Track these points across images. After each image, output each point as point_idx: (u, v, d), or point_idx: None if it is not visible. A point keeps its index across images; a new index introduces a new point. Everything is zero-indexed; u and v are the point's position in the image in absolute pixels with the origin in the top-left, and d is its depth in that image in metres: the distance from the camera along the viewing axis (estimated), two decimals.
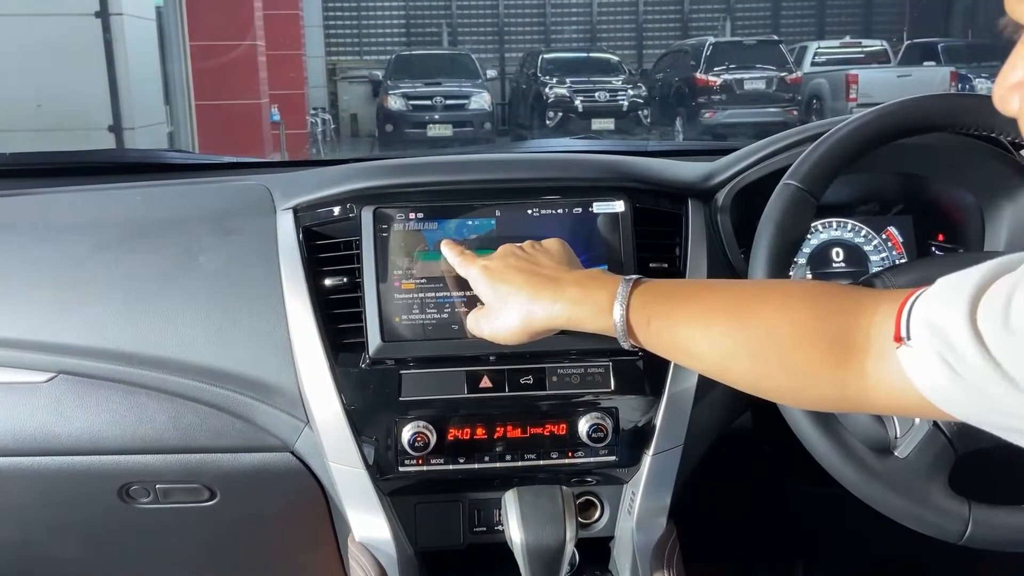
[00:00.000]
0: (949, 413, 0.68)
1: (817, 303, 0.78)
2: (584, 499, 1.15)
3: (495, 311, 0.95)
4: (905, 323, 0.68)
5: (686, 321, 0.84)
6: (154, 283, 1.11)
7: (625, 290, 0.86)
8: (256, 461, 1.13)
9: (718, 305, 0.83)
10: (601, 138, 11.83)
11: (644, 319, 0.85)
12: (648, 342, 0.86)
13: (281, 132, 10.51)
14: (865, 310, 0.73)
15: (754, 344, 0.79)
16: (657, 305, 0.86)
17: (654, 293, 0.87)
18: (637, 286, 0.87)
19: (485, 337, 0.98)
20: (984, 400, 0.64)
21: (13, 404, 1.11)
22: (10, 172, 1.50)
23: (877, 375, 0.71)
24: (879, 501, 0.91)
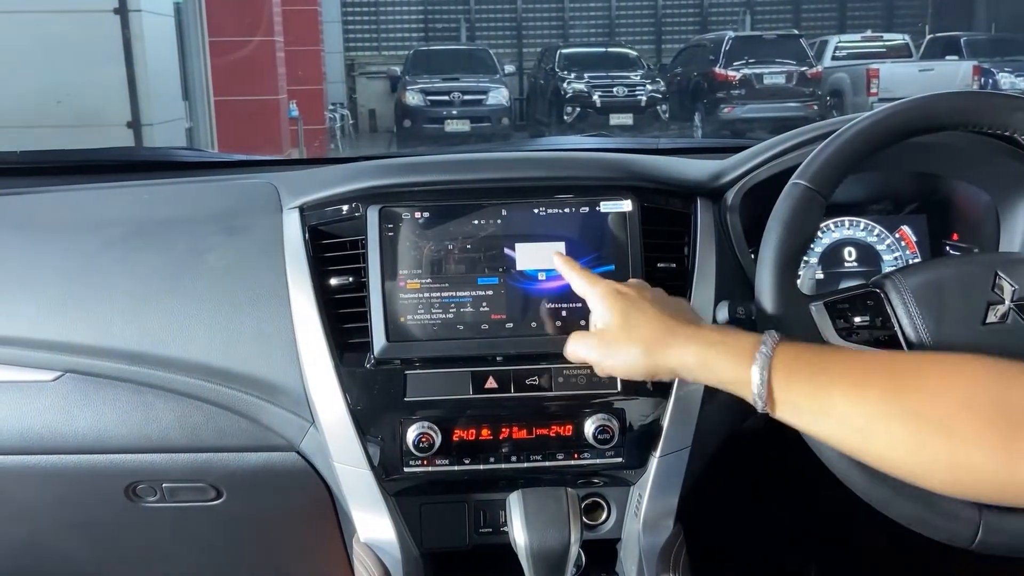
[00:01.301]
0: None
1: (988, 371, 0.72)
2: (591, 501, 1.14)
3: (617, 339, 0.89)
4: None
5: (836, 383, 0.76)
6: (160, 282, 1.11)
7: (770, 342, 0.80)
8: (262, 461, 1.13)
9: (874, 368, 0.76)
10: (618, 134, 11.80)
11: (784, 377, 0.78)
12: (786, 401, 0.78)
13: (299, 128, 10.53)
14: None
15: (914, 407, 0.72)
16: (803, 364, 0.79)
17: (799, 351, 0.80)
18: (782, 342, 0.80)
19: (590, 362, 0.92)
20: None
21: (20, 403, 1.11)
22: (21, 170, 1.51)
23: None
24: (888, 506, 0.90)
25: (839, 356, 0.80)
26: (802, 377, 0.78)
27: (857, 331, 0.96)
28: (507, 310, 1.06)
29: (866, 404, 0.74)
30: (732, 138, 4.24)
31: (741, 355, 0.81)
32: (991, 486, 0.70)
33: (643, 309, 0.89)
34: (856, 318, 0.96)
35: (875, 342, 0.94)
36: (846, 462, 0.90)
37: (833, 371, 0.77)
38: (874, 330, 0.95)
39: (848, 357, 0.80)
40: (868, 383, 0.75)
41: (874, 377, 0.75)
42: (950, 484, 0.74)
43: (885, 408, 0.73)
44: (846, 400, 0.75)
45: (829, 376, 0.77)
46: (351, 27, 17.53)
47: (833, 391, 0.76)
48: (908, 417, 0.72)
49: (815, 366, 0.79)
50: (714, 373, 0.83)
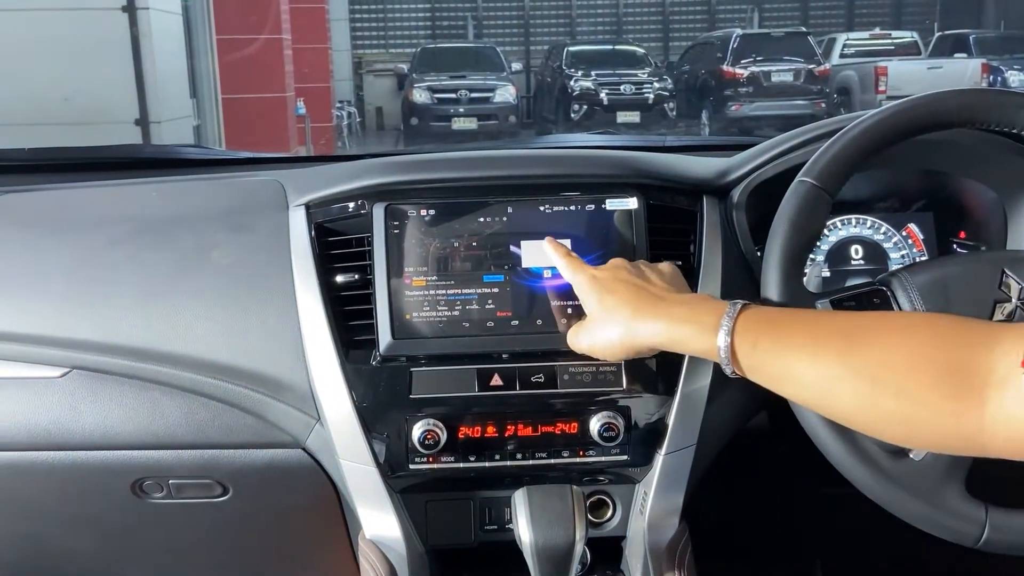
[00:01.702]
0: None
1: (936, 331, 0.75)
2: (596, 498, 1.14)
3: (597, 324, 0.95)
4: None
5: (795, 345, 0.81)
6: (167, 279, 1.11)
7: (732, 312, 0.85)
8: (268, 457, 1.13)
9: (830, 330, 0.80)
10: (625, 132, 11.79)
11: (750, 343, 0.83)
12: (751, 366, 0.84)
13: (307, 125, 10.56)
14: (988, 340, 0.71)
15: (866, 369, 0.75)
16: (764, 329, 0.83)
17: (761, 317, 0.85)
18: (744, 310, 0.85)
19: (583, 351, 0.98)
20: None
21: (27, 399, 1.12)
22: (29, 167, 1.51)
23: (998, 407, 0.69)
24: (894, 505, 0.90)
25: (799, 318, 0.85)
26: (764, 341, 0.83)
27: None
28: (513, 307, 1.06)
29: (822, 365, 0.78)
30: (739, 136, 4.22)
31: (707, 326, 0.86)
32: (941, 438, 0.74)
33: (615, 290, 0.94)
34: None
35: None
36: (852, 461, 0.90)
37: (793, 333, 0.82)
38: None
39: (807, 319, 0.85)
40: (825, 344, 0.79)
41: (831, 338, 0.79)
42: (903, 438, 0.79)
43: (840, 369, 0.77)
44: (804, 362, 0.80)
45: (789, 339, 0.82)
46: (358, 25, 17.56)
47: (792, 353, 0.81)
48: (861, 377, 0.76)
49: (777, 330, 0.83)
50: (685, 346, 0.89)
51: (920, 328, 0.77)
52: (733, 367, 0.85)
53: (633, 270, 0.98)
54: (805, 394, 0.82)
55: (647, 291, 0.93)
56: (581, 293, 0.97)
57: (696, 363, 1.07)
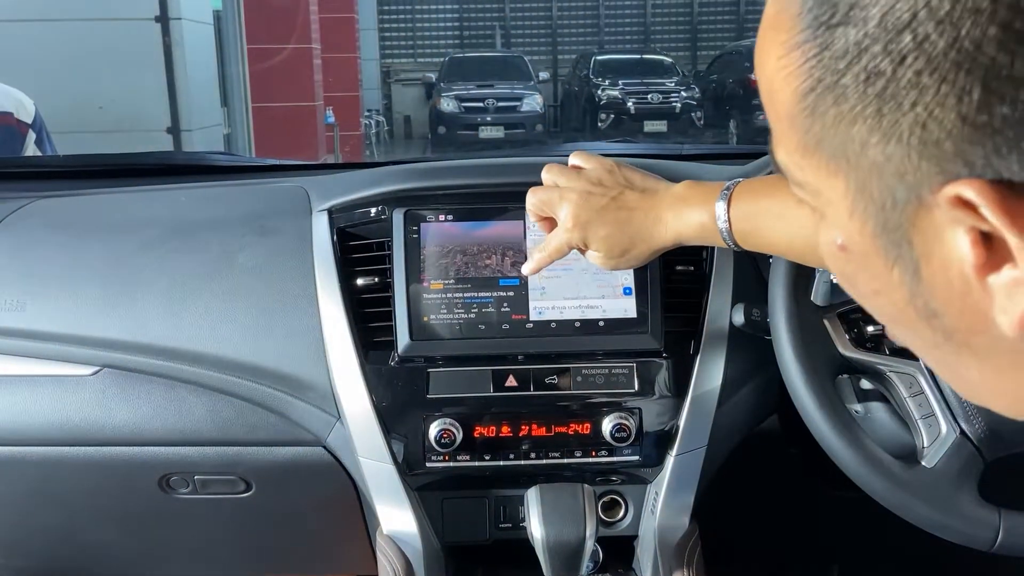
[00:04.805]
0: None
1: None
2: (609, 498, 1.16)
3: (611, 256, 0.96)
4: None
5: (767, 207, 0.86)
6: (195, 281, 1.14)
7: (731, 185, 0.89)
8: (290, 455, 1.16)
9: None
10: (653, 141, 11.76)
11: (743, 211, 0.88)
12: (743, 231, 0.89)
13: (335, 134, 10.62)
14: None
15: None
16: (760, 183, 0.89)
17: (756, 181, 0.90)
18: (739, 185, 0.90)
19: (612, 267, 0.99)
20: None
21: (60, 396, 1.15)
22: (64, 174, 1.56)
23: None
24: (907, 511, 0.91)
25: (774, 181, 0.89)
26: (751, 208, 0.87)
27: (870, 340, 0.98)
28: (528, 310, 1.09)
29: (793, 224, 0.83)
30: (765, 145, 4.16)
31: (708, 199, 0.91)
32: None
33: (606, 225, 0.95)
34: (868, 327, 0.98)
35: (891, 352, 0.96)
36: (864, 469, 0.91)
37: (770, 196, 0.86)
38: (887, 339, 0.96)
39: (780, 181, 0.90)
40: (792, 204, 0.84)
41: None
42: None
43: (807, 227, 0.81)
44: (774, 224, 0.85)
45: (767, 205, 0.87)
46: (387, 34, 17.64)
47: (769, 215, 0.86)
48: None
49: (770, 185, 0.88)
50: (688, 221, 0.92)
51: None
52: (732, 238, 0.89)
53: (601, 191, 0.96)
54: (791, 254, 0.88)
55: (632, 232, 0.94)
56: (579, 246, 0.97)
57: (707, 366, 1.09)
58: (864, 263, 0.43)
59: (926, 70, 0.35)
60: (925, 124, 0.36)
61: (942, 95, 0.35)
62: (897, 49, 0.35)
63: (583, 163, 1.00)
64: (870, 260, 0.43)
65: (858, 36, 0.36)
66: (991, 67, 0.33)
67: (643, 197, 0.95)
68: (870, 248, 0.42)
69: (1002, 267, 0.37)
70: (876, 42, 0.36)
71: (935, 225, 0.38)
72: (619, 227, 0.94)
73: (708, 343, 1.09)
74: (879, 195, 0.40)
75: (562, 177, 0.99)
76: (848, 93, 0.37)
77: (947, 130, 0.35)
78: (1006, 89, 0.33)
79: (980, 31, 0.33)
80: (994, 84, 0.33)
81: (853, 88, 0.37)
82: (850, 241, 0.43)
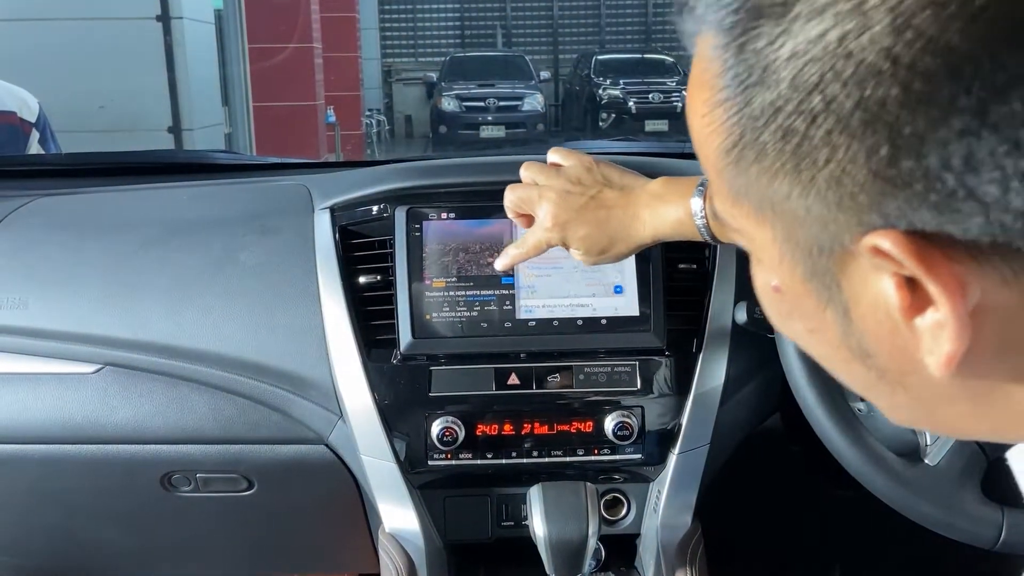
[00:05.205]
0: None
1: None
2: (611, 496, 1.16)
3: (590, 253, 0.95)
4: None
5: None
6: (196, 279, 1.14)
7: (706, 180, 0.88)
8: (292, 453, 1.16)
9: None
10: (654, 140, 11.76)
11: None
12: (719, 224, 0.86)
13: (336, 133, 10.63)
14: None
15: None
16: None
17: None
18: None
19: (593, 262, 0.98)
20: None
21: (62, 394, 1.16)
22: (66, 172, 1.56)
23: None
24: (910, 509, 0.91)
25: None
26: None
27: None
28: (516, 309, 1.09)
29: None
30: None
31: (683, 195, 0.90)
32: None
33: (585, 224, 0.94)
34: None
35: None
36: (867, 468, 0.91)
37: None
38: None
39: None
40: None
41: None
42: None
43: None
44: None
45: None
46: (388, 34, 17.64)
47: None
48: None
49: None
50: (664, 218, 0.92)
51: None
52: (710, 232, 0.88)
53: (579, 190, 0.96)
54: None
55: (604, 206, 0.94)
56: (559, 243, 0.96)
57: (710, 364, 1.09)
58: (798, 304, 0.45)
59: (836, 129, 0.36)
60: (840, 179, 0.37)
61: (853, 152, 0.36)
62: (808, 109, 0.36)
63: (562, 160, 1.00)
64: (803, 302, 0.44)
65: (772, 96, 0.38)
66: (895, 125, 0.35)
67: (621, 195, 0.95)
68: (802, 291, 0.44)
69: (926, 310, 0.38)
70: (789, 102, 0.37)
71: (860, 271, 0.40)
72: (598, 226, 0.94)
73: (711, 341, 1.09)
74: (805, 243, 0.41)
75: (541, 175, 0.99)
76: (768, 149, 0.39)
77: (860, 184, 0.36)
78: (911, 145, 0.35)
79: (883, 91, 0.34)
80: (899, 141, 0.35)
81: (771, 145, 0.38)
82: (783, 284, 0.45)
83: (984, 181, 0.35)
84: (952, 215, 0.36)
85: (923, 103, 0.34)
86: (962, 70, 0.34)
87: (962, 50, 0.33)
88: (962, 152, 0.34)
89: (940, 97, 0.34)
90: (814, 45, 0.36)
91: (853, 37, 0.35)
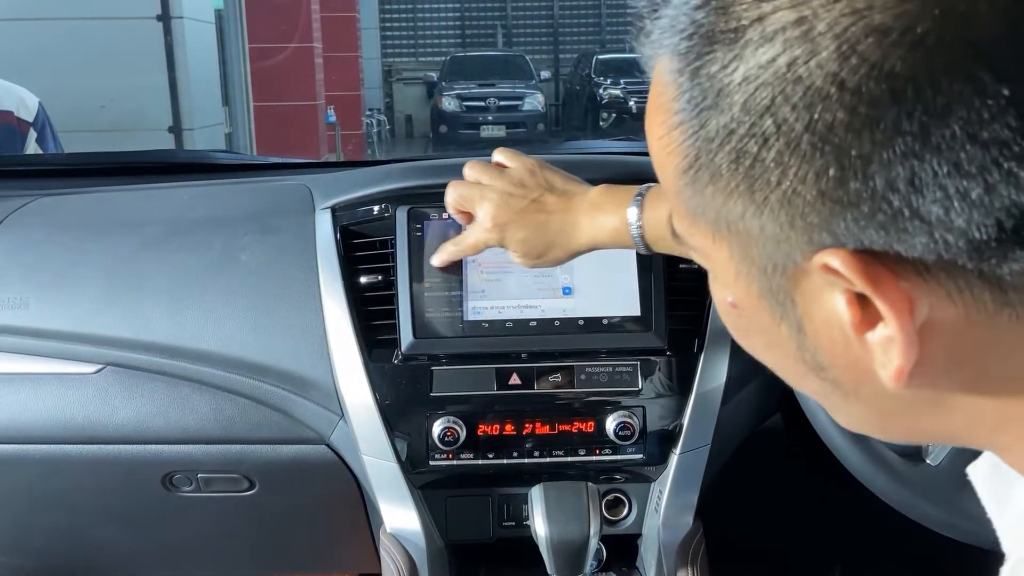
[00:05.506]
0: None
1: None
2: (612, 496, 1.16)
3: (530, 255, 0.96)
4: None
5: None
6: (197, 279, 1.14)
7: (643, 191, 0.90)
8: (293, 453, 1.16)
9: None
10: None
11: (654, 205, 0.88)
12: (655, 238, 0.89)
13: (336, 133, 10.63)
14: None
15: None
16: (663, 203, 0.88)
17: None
18: (654, 187, 0.90)
19: (532, 265, 0.98)
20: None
21: (63, 394, 1.15)
22: (66, 172, 1.56)
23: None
24: (912, 510, 0.91)
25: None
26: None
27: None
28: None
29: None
30: None
31: (620, 204, 0.91)
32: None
33: (524, 227, 0.95)
34: None
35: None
36: (869, 467, 0.91)
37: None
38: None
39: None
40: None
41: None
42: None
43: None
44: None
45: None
46: (388, 33, 17.65)
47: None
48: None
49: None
50: (602, 226, 0.92)
51: None
52: (645, 243, 0.89)
53: (521, 192, 0.96)
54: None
55: (545, 210, 0.95)
56: (495, 243, 0.97)
57: (711, 364, 1.09)
58: (754, 319, 0.47)
59: (786, 151, 0.37)
60: (791, 199, 0.38)
61: (803, 173, 0.37)
62: (760, 132, 0.38)
63: (507, 161, 1.01)
64: (759, 317, 0.46)
65: (726, 119, 0.39)
66: (842, 147, 0.36)
67: (561, 200, 0.95)
68: (757, 306, 0.45)
69: (876, 325, 0.40)
70: (742, 125, 0.38)
71: (813, 287, 0.41)
72: (536, 230, 0.95)
73: (712, 341, 1.09)
74: (759, 260, 0.42)
75: (484, 175, 0.99)
76: (722, 171, 0.40)
77: (810, 204, 0.38)
78: (857, 166, 0.36)
79: (830, 115, 0.36)
80: (846, 162, 0.36)
81: (726, 166, 0.40)
82: (739, 300, 0.46)
83: (928, 201, 0.36)
84: (899, 234, 0.37)
85: (868, 126, 0.35)
86: (904, 94, 0.35)
87: (904, 75, 0.34)
88: (906, 174, 0.35)
89: (884, 120, 0.35)
90: (765, 70, 0.37)
91: (802, 62, 0.36)
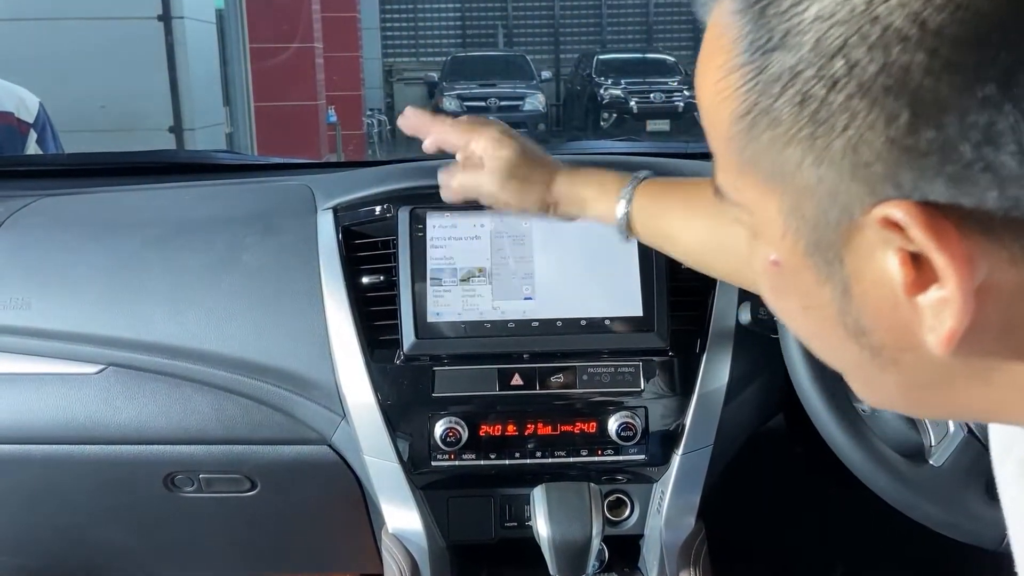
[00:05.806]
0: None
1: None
2: (615, 497, 1.16)
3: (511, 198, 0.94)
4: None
5: (674, 210, 0.87)
6: (199, 279, 1.14)
7: (634, 182, 0.89)
8: (295, 453, 1.16)
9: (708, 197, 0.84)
10: (655, 140, 11.76)
11: (642, 205, 0.88)
12: (641, 226, 0.88)
13: (337, 133, 10.62)
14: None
15: (737, 246, 0.79)
16: (658, 190, 0.89)
17: (658, 185, 0.89)
18: (646, 181, 0.89)
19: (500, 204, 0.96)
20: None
21: (65, 394, 1.16)
22: (67, 172, 1.56)
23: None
24: (915, 510, 0.91)
25: (684, 186, 0.89)
26: (654, 207, 0.88)
27: None
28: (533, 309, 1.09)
29: (697, 231, 0.85)
30: None
31: (608, 192, 0.90)
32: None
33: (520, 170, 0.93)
34: None
35: None
36: (871, 467, 0.91)
37: (675, 200, 0.87)
38: None
39: (689, 187, 0.89)
40: (699, 212, 0.85)
41: (708, 205, 0.81)
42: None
43: (709, 235, 0.84)
44: (681, 227, 0.86)
45: (671, 206, 0.88)
46: (389, 33, 17.62)
47: (673, 218, 0.87)
48: (729, 253, 0.82)
49: (666, 195, 0.89)
50: (584, 208, 0.92)
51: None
52: (628, 232, 0.89)
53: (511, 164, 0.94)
54: (687, 255, 0.89)
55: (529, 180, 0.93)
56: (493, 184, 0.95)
57: (714, 364, 1.09)
58: (795, 280, 0.45)
59: (857, 94, 0.36)
60: (856, 147, 0.36)
61: (872, 119, 0.36)
62: (829, 74, 0.36)
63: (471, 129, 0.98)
64: (801, 277, 0.44)
65: (792, 61, 0.37)
66: (918, 92, 0.34)
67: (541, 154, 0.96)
68: (801, 265, 0.43)
69: (929, 287, 0.38)
70: (810, 67, 0.37)
71: (866, 245, 0.39)
72: (523, 157, 0.93)
73: (714, 342, 1.09)
74: (812, 215, 0.41)
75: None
76: (783, 116, 0.38)
77: (877, 153, 0.36)
78: (932, 113, 0.34)
79: (908, 57, 0.34)
80: (921, 108, 0.35)
81: (787, 111, 0.38)
82: (783, 258, 0.44)
83: (1002, 153, 0.34)
84: (967, 187, 0.35)
85: (948, 70, 0.34)
86: (990, 37, 0.33)
87: (991, 16, 0.33)
88: (983, 123, 0.34)
89: (965, 64, 0.33)
90: (841, 7, 0.35)
91: (881, 1, 0.34)
